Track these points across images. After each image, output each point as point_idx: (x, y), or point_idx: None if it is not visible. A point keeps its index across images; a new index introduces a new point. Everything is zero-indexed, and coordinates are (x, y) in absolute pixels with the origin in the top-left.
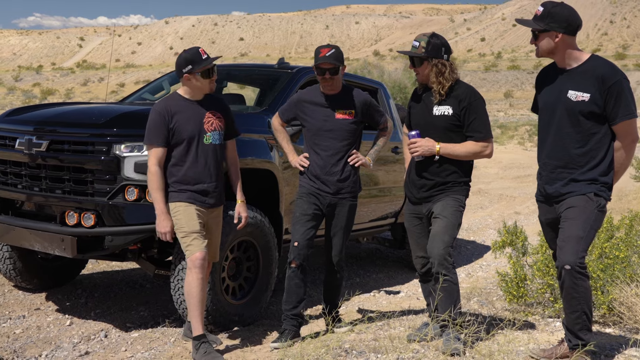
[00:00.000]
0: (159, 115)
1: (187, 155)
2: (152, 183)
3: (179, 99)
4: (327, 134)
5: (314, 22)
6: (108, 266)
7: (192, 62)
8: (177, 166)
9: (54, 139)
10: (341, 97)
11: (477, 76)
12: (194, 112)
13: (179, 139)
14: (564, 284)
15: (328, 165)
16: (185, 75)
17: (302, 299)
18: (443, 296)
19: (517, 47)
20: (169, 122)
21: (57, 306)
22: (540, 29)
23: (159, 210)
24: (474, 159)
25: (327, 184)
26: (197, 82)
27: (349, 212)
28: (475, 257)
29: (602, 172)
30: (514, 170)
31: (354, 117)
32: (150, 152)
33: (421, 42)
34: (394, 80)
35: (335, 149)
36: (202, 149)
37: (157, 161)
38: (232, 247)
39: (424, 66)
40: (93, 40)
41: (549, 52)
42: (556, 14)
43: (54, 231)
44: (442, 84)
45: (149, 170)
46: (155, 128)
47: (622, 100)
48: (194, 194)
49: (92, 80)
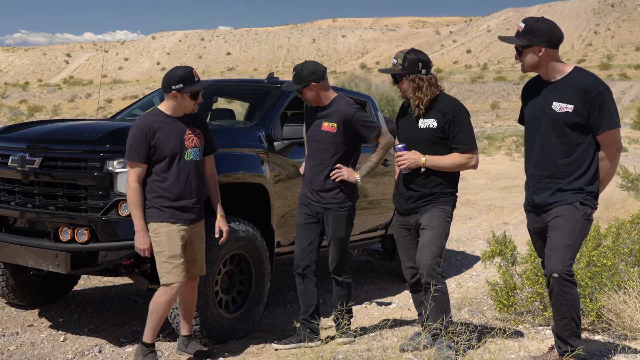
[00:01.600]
0: (140, 131)
1: (168, 172)
2: (132, 199)
3: (160, 115)
4: (315, 144)
5: (300, 35)
6: (100, 282)
7: (184, 80)
8: (159, 182)
9: (47, 156)
10: (328, 109)
11: (463, 88)
12: (176, 128)
13: (160, 155)
14: (553, 292)
15: (313, 175)
16: (173, 92)
17: (311, 304)
18: (434, 306)
19: (503, 59)
20: (150, 139)
21: (51, 322)
22: (524, 44)
23: (139, 227)
24: (460, 170)
25: (312, 193)
26: (184, 101)
27: (335, 221)
28: (465, 268)
29: (588, 181)
30: (501, 181)
31: (335, 130)
32: (130, 168)
33: (398, 59)
34: (382, 93)
35: (320, 159)
36: (184, 165)
37: (137, 177)
38: (225, 261)
39: (403, 82)
40: (80, 57)
41: (534, 67)
42: (537, 29)
43: (47, 247)
44: (419, 98)
45: (129, 186)
46: (137, 144)
47: (605, 111)
48: (176, 212)
49: (79, 96)
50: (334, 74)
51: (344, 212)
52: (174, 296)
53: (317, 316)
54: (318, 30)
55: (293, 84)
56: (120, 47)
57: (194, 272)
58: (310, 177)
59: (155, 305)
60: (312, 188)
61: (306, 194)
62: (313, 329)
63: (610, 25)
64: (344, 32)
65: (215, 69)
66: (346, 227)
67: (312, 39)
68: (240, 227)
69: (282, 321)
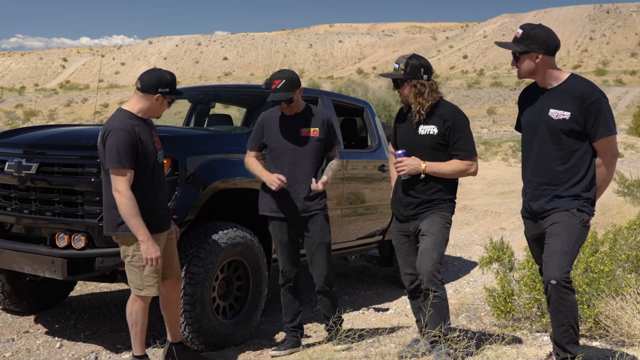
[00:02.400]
0: (129, 135)
1: (150, 176)
2: (130, 209)
3: (134, 117)
4: (292, 152)
5: (297, 41)
6: (96, 287)
7: (170, 86)
8: (144, 189)
9: (43, 162)
10: (304, 115)
11: (460, 93)
12: (149, 130)
13: (144, 159)
14: (551, 299)
15: (294, 184)
16: (158, 94)
17: (299, 312)
18: (433, 312)
19: (499, 64)
20: (138, 142)
21: (47, 328)
22: (521, 50)
23: (144, 236)
24: (460, 177)
25: (296, 202)
26: (161, 106)
27: (322, 227)
28: (462, 273)
29: (585, 187)
30: (498, 187)
31: (318, 134)
32: (122, 176)
33: (400, 64)
34: (379, 98)
35: (301, 167)
36: (159, 169)
37: (130, 185)
38: (222, 267)
39: (404, 87)
40: (76, 61)
41: (530, 73)
42: (535, 35)
43: (44, 253)
44: (421, 104)
45: (124, 195)
46: (128, 149)
47: (601, 118)
48: (158, 220)
49: (76, 101)
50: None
51: (326, 216)
52: (147, 305)
53: (302, 324)
54: (315, 36)
55: (287, 92)
56: (117, 51)
57: (172, 275)
58: (294, 186)
59: (134, 315)
60: (295, 197)
61: (286, 205)
62: (299, 336)
63: (606, 31)
64: (341, 37)
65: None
66: (329, 231)
67: (309, 44)
68: (238, 233)
69: (280, 327)
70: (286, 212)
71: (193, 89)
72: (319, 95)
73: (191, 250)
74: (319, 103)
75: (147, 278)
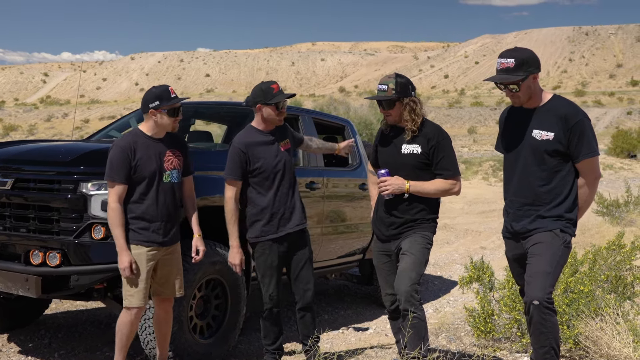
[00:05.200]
0: (122, 151)
1: (147, 193)
2: (113, 219)
3: (141, 136)
4: (279, 170)
5: (280, 58)
6: (72, 305)
7: (160, 98)
8: (137, 203)
9: (19, 177)
10: (277, 130)
11: (441, 112)
12: (156, 149)
13: (140, 176)
14: (532, 319)
15: (285, 203)
16: (151, 111)
17: (280, 334)
18: (412, 333)
19: (480, 84)
20: (131, 159)
21: (20, 347)
22: (523, 78)
23: (120, 247)
24: (443, 196)
25: (286, 219)
26: (162, 120)
27: (309, 241)
28: (442, 293)
29: (568, 208)
30: (479, 206)
31: (290, 145)
32: (111, 189)
33: (389, 84)
34: (360, 116)
35: (290, 181)
36: (162, 187)
37: (117, 198)
38: (200, 285)
39: (396, 107)
40: (57, 76)
41: (530, 96)
42: (528, 58)
43: (18, 271)
44: (414, 120)
45: (110, 206)
46: (118, 164)
47: (584, 139)
48: (152, 234)
49: (56, 116)
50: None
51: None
52: (134, 319)
53: (282, 345)
54: (297, 54)
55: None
56: (98, 67)
57: (165, 293)
58: (282, 202)
59: (119, 325)
60: (287, 217)
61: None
62: (279, 358)
63: (585, 52)
64: (323, 55)
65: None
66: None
67: (291, 62)
68: (217, 251)
69: (258, 347)
70: (286, 229)
71: None
72: (299, 113)
73: None
74: (300, 121)
75: (126, 287)
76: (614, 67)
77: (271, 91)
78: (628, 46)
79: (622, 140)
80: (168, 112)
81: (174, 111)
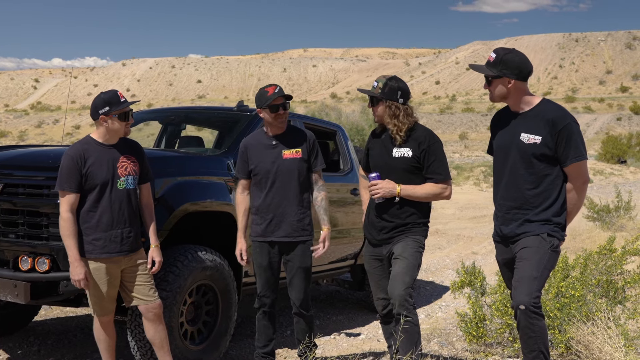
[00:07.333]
0: (71, 160)
1: (100, 201)
2: (64, 230)
3: (93, 143)
4: (276, 176)
5: (271, 65)
6: (62, 312)
7: (109, 103)
8: (91, 212)
9: (8, 182)
10: (285, 136)
11: (432, 118)
12: (108, 156)
13: (92, 184)
14: (520, 324)
15: (280, 207)
16: (101, 117)
17: (272, 338)
18: (404, 338)
19: (471, 90)
20: (82, 167)
21: (9, 354)
22: (494, 75)
23: (72, 258)
24: (434, 200)
25: (283, 227)
26: (113, 125)
27: (303, 251)
28: (434, 298)
29: (555, 212)
30: (470, 211)
31: (301, 155)
32: (62, 198)
33: (379, 83)
34: (352, 122)
35: (286, 190)
36: (116, 194)
37: (69, 207)
38: (191, 291)
39: (379, 107)
40: (48, 82)
41: (502, 97)
42: (508, 60)
43: (6, 277)
44: (397, 126)
45: (61, 216)
46: (68, 173)
47: (572, 143)
48: (109, 243)
49: (47, 122)
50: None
51: (310, 240)
52: (105, 325)
53: (274, 350)
54: (289, 60)
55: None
56: (89, 73)
57: (140, 302)
58: (281, 210)
59: (94, 332)
60: (282, 220)
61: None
62: None
63: (575, 59)
64: (315, 62)
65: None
66: (311, 256)
67: (283, 68)
68: (207, 256)
69: (250, 353)
70: (272, 236)
71: (164, 110)
72: (291, 118)
73: (159, 273)
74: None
75: (89, 297)
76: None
77: (265, 94)
78: (617, 53)
79: (612, 146)
80: (119, 117)
81: (124, 116)
